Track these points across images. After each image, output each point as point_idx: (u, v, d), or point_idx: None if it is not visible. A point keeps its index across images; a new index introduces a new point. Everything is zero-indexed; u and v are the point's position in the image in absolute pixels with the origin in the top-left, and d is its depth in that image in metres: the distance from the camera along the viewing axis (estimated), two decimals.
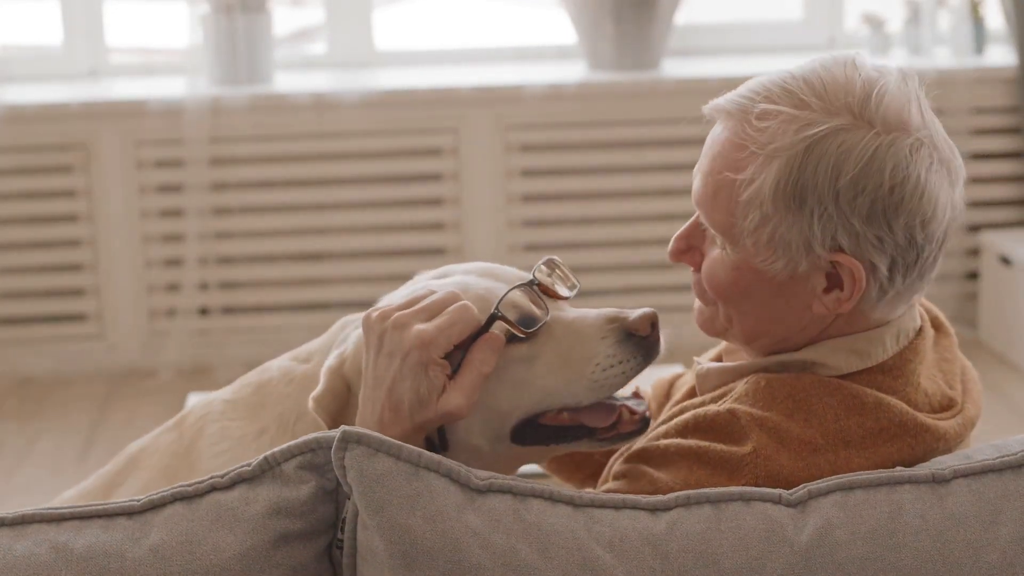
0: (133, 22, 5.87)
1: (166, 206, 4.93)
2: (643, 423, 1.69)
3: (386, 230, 5.02)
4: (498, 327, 1.61)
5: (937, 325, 1.79)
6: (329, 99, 4.87)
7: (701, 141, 1.81)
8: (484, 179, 4.99)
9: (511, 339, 1.64)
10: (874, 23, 5.27)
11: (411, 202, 5.02)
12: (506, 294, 1.65)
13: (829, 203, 1.59)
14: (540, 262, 1.71)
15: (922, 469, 1.51)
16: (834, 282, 1.64)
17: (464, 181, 4.99)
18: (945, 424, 1.66)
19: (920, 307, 1.76)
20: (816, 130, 1.59)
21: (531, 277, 1.69)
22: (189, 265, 4.92)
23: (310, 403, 1.68)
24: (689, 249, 1.77)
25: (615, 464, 1.71)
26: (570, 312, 1.70)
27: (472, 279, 1.72)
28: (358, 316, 1.73)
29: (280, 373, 1.79)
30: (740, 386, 1.67)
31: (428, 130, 4.96)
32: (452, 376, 1.59)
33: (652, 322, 1.67)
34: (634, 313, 1.67)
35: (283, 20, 5.54)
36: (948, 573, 1.43)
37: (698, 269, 1.75)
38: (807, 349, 1.69)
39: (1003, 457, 1.50)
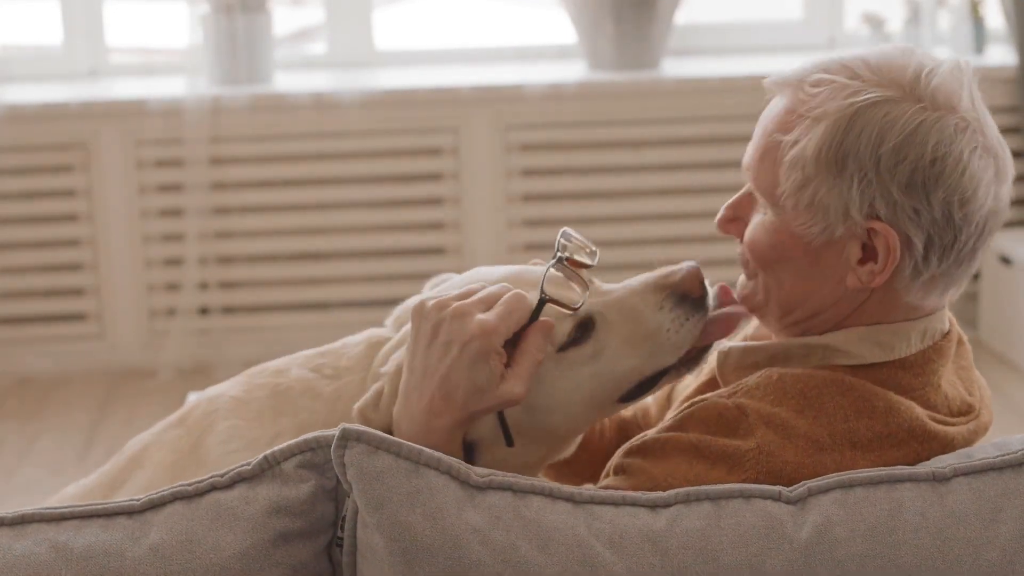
0: (133, 22, 5.86)
1: (166, 206, 4.93)
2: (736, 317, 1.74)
3: (386, 230, 5.02)
4: (547, 311, 1.62)
5: (957, 341, 1.79)
6: (329, 99, 4.87)
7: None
8: (484, 179, 4.99)
9: (570, 343, 1.66)
10: (874, 23, 5.26)
11: (411, 202, 5.02)
12: (545, 275, 1.65)
13: (869, 169, 1.60)
14: (559, 236, 1.71)
15: (923, 467, 1.51)
16: (869, 254, 1.65)
17: (464, 181, 4.99)
18: (954, 430, 1.66)
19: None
20: (864, 97, 1.62)
21: (559, 255, 1.69)
22: (189, 265, 4.92)
23: (356, 411, 1.68)
24: (736, 219, 1.78)
25: (615, 458, 1.71)
26: (614, 291, 1.72)
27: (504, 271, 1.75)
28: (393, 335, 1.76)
29: (302, 385, 1.78)
30: (752, 379, 1.67)
31: (428, 130, 4.96)
32: (509, 363, 1.60)
33: (699, 280, 1.70)
34: (679, 272, 1.70)
35: (283, 20, 5.54)
36: (948, 571, 1.43)
37: (743, 239, 1.77)
38: (831, 335, 1.70)
39: (1003, 456, 1.50)
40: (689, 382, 1.90)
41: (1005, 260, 4.95)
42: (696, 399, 1.72)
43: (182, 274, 4.94)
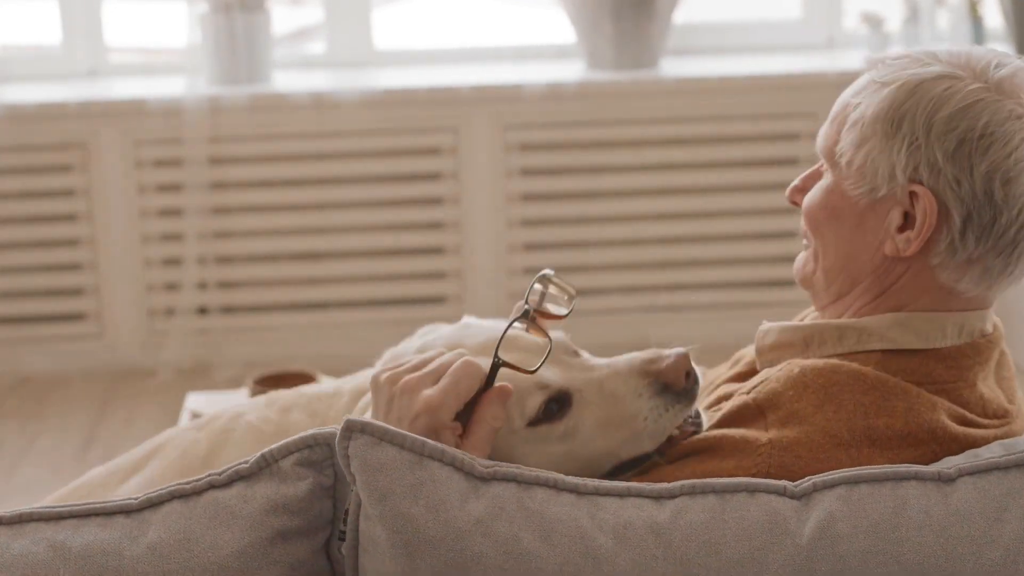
0: (132, 22, 5.86)
1: (165, 205, 4.93)
2: (698, 426, 1.68)
3: (385, 229, 5.02)
4: (510, 378, 1.58)
5: (1003, 359, 1.81)
6: (328, 98, 4.87)
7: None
8: (483, 178, 4.99)
9: (543, 419, 1.61)
10: (873, 22, 5.26)
11: (410, 201, 5.02)
12: (502, 336, 1.60)
13: (921, 133, 1.64)
14: (533, 281, 1.66)
15: (928, 466, 1.51)
16: (909, 223, 1.67)
17: (463, 180, 4.99)
18: (979, 433, 1.66)
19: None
20: (930, 70, 1.67)
21: (526, 308, 1.64)
22: (188, 264, 4.92)
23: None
24: (804, 189, 1.82)
25: None
26: (601, 370, 1.65)
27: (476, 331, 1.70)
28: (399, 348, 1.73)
29: (298, 430, 1.71)
30: (774, 372, 1.68)
31: (427, 129, 4.96)
32: (464, 434, 1.56)
33: (684, 370, 1.63)
34: (666, 361, 1.63)
35: (282, 19, 5.53)
36: (951, 569, 1.43)
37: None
38: (867, 318, 1.71)
39: (1009, 455, 1.51)
40: (723, 369, 1.91)
41: None
42: (723, 389, 1.74)
43: (181, 274, 4.94)
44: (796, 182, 1.83)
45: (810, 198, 1.77)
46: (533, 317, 1.64)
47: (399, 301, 5.08)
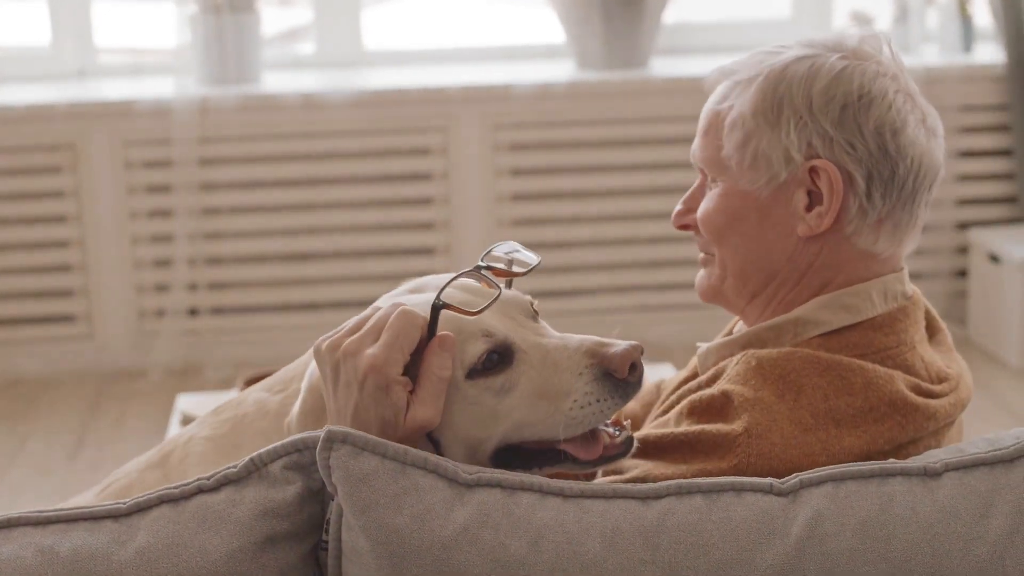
0: (121, 22, 5.85)
1: (155, 206, 4.93)
2: (626, 445, 1.61)
3: (375, 230, 5.02)
4: (445, 319, 1.54)
5: (931, 322, 1.82)
6: (318, 99, 4.86)
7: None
8: (473, 178, 4.99)
9: (482, 370, 1.56)
10: (862, 21, 5.27)
11: (400, 201, 5.02)
12: (448, 283, 1.57)
13: (803, 111, 1.69)
14: (494, 245, 1.64)
15: (914, 462, 1.51)
16: (815, 199, 1.71)
17: (453, 180, 4.99)
18: (936, 403, 1.68)
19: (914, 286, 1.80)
20: (789, 55, 1.73)
21: (478, 263, 1.61)
22: (178, 265, 4.92)
23: (284, 426, 1.62)
24: (689, 211, 1.84)
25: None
26: (551, 339, 1.60)
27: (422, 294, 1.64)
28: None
29: (255, 407, 1.69)
30: (731, 366, 1.69)
31: (417, 129, 4.96)
32: (414, 389, 1.52)
33: (632, 362, 1.56)
34: (616, 348, 1.57)
35: (271, 20, 5.53)
36: (937, 565, 1.43)
37: (698, 228, 1.82)
38: (796, 310, 1.73)
39: (995, 451, 1.51)
40: (674, 376, 1.92)
41: (994, 258, 4.96)
42: (682, 390, 1.73)
43: (171, 275, 4.93)
44: (679, 207, 1.84)
45: (705, 210, 1.78)
46: (483, 268, 1.60)
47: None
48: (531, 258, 1.63)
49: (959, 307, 5.19)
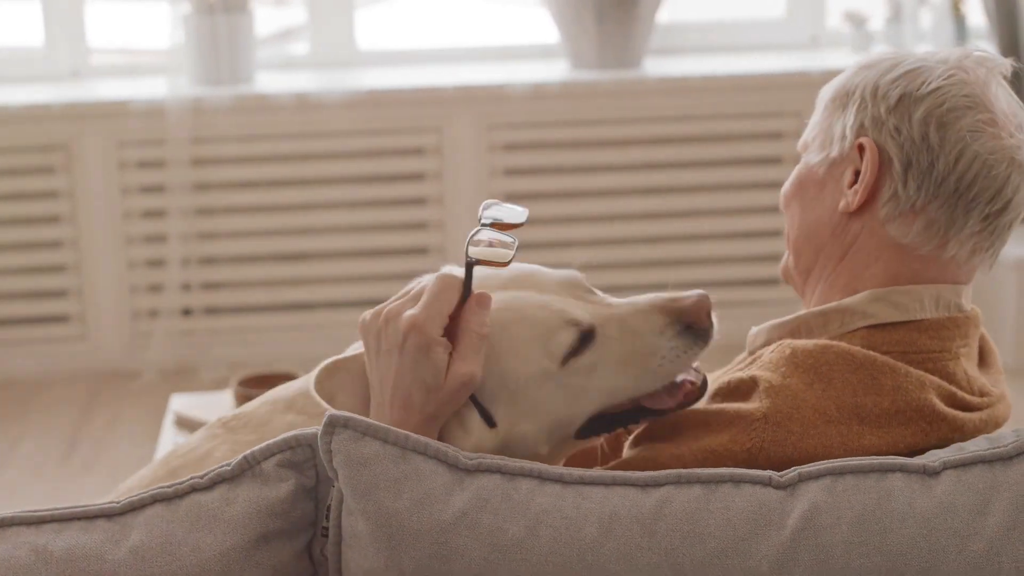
0: (115, 22, 5.85)
1: (149, 207, 4.92)
2: (703, 387, 1.66)
3: (369, 230, 5.01)
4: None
5: (984, 345, 1.86)
6: (311, 99, 4.86)
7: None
8: (467, 178, 4.99)
9: (571, 354, 1.60)
10: (856, 21, 5.27)
11: (394, 202, 5.02)
12: (469, 239, 1.61)
13: (867, 95, 1.76)
14: (482, 207, 1.67)
15: (914, 460, 1.52)
16: (858, 178, 1.77)
17: (447, 180, 4.99)
18: (966, 417, 1.69)
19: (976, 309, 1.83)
20: (880, 57, 1.81)
21: (482, 222, 1.65)
22: (172, 266, 4.91)
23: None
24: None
25: (626, 450, 1.71)
26: (621, 306, 1.66)
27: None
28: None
29: (207, 447, 1.69)
30: (767, 353, 1.71)
31: (411, 129, 4.96)
32: (454, 348, 1.56)
33: (707, 311, 1.63)
34: (687, 300, 1.63)
35: (265, 20, 5.53)
36: (933, 560, 1.44)
37: None
38: (848, 299, 1.76)
39: (994, 449, 1.52)
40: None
41: None
42: (721, 376, 1.75)
43: (165, 275, 4.93)
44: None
45: (786, 184, 1.87)
46: (492, 228, 1.64)
47: (384, 301, 5.07)
48: (518, 213, 1.68)
49: None
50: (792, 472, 1.50)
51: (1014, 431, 1.56)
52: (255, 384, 3.00)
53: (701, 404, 1.67)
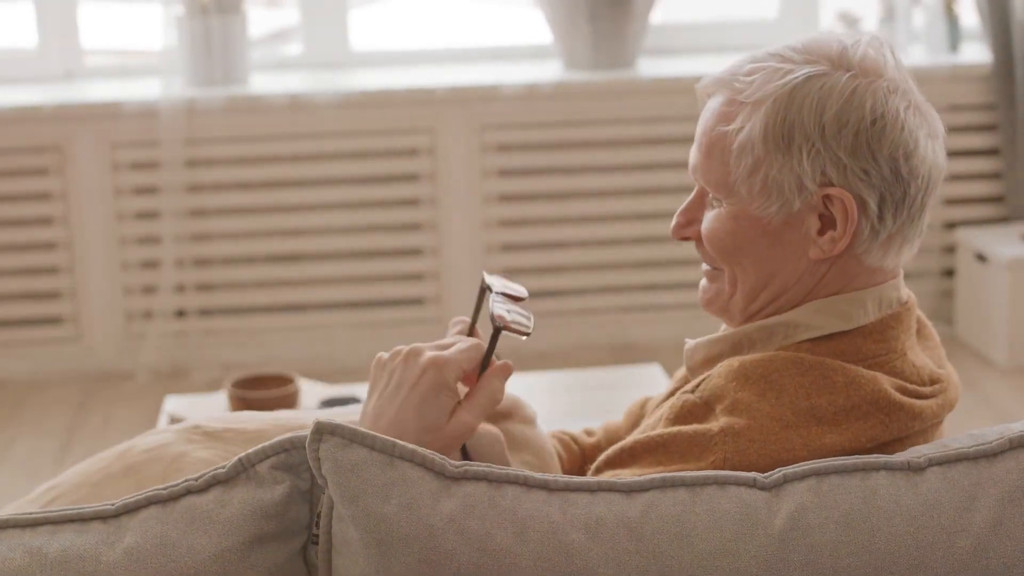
0: (108, 24, 5.85)
1: (142, 208, 4.92)
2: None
3: (363, 231, 5.02)
4: (504, 342, 1.65)
5: (919, 321, 1.83)
6: (305, 100, 4.86)
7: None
8: (461, 179, 4.99)
9: None
10: (849, 21, 5.28)
11: (388, 202, 5.02)
12: (494, 307, 1.65)
13: (816, 138, 1.66)
14: (483, 276, 1.72)
15: (898, 457, 1.52)
16: (827, 223, 1.69)
17: (440, 181, 4.99)
18: (922, 403, 1.68)
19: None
20: (798, 74, 1.68)
21: (494, 291, 1.68)
22: (165, 267, 4.91)
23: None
24: (689, 223, 1.80)
25: (589, 477, 1.71)
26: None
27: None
28: None
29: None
30: (715, 371, 1.69)
31: (404, 130, 4.96)
32: (465, 397, 1.62)
33: None
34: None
35: (258, 21, 5.53)
36: (921, 557, 1.44)
37: (700, 240, 1.80)
38: (788, 313, 1.73)
39: (978, 446, 1.52)
40: (659, 394, 1.93)
41: (980, 257, 4.97)
42: (663, 403, 1.74)
43: (159, 276, 4.93)
44: (679, 219, 1.81)
45: (712, 230, 1.75)
46: (500, 297, 1.68)
47: (377, 303, 5.08)
48: (520, 290, 1.72)
49: (946, 306, 5.21)
50: (777, 473, 1.50)
51: (998, 429, 1.57)
52: (249, 386, 3.00)
53: (658, 429, 1.67)
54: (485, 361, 1.64)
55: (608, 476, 1.66)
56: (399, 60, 5.31)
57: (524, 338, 1.64)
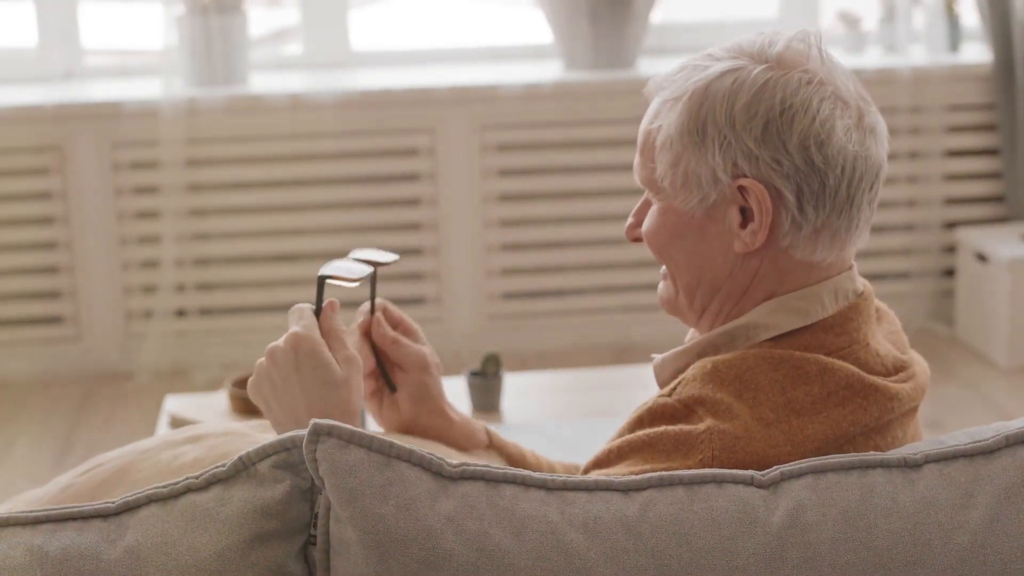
0: (108, 23, 5.85)
1: (142, 208, 4.93)
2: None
3: (363, 231, 5.02)
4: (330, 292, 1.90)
5: (877, 309, 1.83)
6: (305, 100, 4.87)
7: None
8: (461, 179, 4.99)
9: None
10: (849, 21, 5.28)
11: (388, 202, 5.02)
12: (321, 269, 1.89)
13: (726, 130, 1.67)
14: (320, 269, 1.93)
15: (894, 454, 1.53)
16: (748, 217, 1.70)
17: (441, 181, 4.99)
18: (897, 386, 1.69)
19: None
20: (714, 70, 1.71)
21: (350, 256, 1.98)
22: (166, 267, 4.91)
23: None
24: (638, 224, 1.83)
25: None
26: None
27: None
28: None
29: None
30: (688, 373, 1.70)
31: (405, 130, 4.96)
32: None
33: None
34: None
35: (259, 21, 5.54)
36: (919, 554, 1.44)
37: None
38: (747, 315, 1.73)
39: (975, 443, 1.53)
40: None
41: (981, 257, 4.97)
42: (640, 405, 1.74)
43: (159, 276, 4.93)
44: (630, 220, 1.84)
45: (647, 227, 1.79)
46: (352, 260, 1.99)
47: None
48: (386, 256, 2.03)
49: (946, 306, 5.21)
50: (774, 471, 1.51)
51: (994, 426, 1.57)
52: None
53: (641, 430, 1.67)
54: (317, 311, 1.85)
55: (599, 476, 1.66)
56: (399, 60, 5.31)
57: (351, 284, 1.89)
